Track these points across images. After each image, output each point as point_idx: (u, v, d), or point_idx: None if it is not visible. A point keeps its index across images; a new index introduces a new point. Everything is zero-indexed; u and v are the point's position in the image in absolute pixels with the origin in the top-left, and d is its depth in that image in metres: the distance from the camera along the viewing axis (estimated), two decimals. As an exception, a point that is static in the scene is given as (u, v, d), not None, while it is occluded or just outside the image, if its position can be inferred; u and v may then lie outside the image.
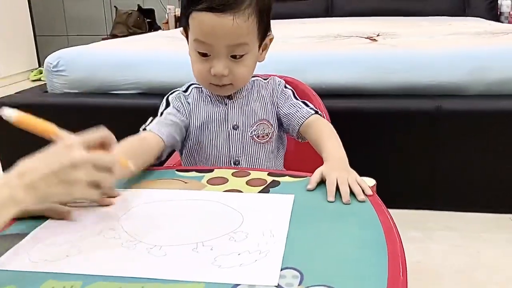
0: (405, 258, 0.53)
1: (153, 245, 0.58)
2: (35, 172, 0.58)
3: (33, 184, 0.57)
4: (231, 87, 0.92)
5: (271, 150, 1.00)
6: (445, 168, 1.71)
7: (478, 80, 1.71)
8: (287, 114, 0.98)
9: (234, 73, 0.89)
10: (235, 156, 0.97)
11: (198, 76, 0.92)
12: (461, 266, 1.43)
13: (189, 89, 1.00)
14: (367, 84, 1.73)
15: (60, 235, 0.61)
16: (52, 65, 1.91)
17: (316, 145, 0.91)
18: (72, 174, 0.59)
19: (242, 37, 0.85)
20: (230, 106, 0.97)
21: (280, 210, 0.67)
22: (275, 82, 1.02)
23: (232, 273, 0.52)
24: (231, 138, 0.97)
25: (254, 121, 0.98)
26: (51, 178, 0.58)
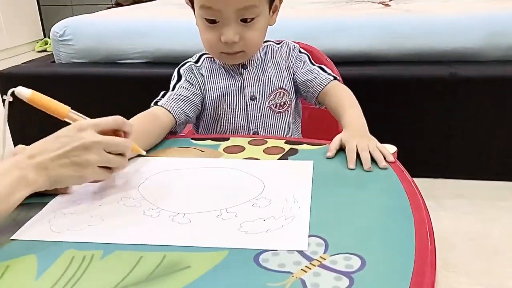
0: (432, 225, 0.52)
1: (176, 213, 0.57)
2: (46, 153, 0.58)
3: (44, 165, 0.57)
4: (243, 55, 0.89)
5: (290, 119, 0.98)
6: (459, 136, 1.68)
7: (494, 45, 1.67)
8: (304, 81, 0.96)
9: (246, 39, 0.85)
10: (254, 128, 0.95)
11: (208, 45, 0.89)
12: (473, 234, 1.43)
13: (200, 60, 0.96)
14: (380, 50, 1.69)
15: (80, 205, 0.60)
16: (59, 34, 1.88)
17: (335, 112, 0.88)
18: (84, 156, 0.59)
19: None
20: (245, 76, 0.94)
21: (301, 175, 0.65)
22: (289, 47, 0.99)
23: (259, 239, 0.51)
24: (249, 109, 0.94)
25: (271, 90, 0.95)
26: (63, 159, 0.58)
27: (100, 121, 0.63)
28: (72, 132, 0.60)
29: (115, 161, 0.62)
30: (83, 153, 0.59)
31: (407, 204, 0.57)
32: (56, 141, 0.59)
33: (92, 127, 0.61)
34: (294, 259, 0.47)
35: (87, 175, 0.60)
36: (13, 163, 0.56)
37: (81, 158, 0.59)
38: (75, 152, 0.58)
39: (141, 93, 1.86)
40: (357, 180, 0.65)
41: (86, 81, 1.83)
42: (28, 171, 0.56)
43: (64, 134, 0.60)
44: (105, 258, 0.49)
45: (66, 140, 0.59)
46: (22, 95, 0.63)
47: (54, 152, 0.58)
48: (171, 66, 1.74)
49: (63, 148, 0.58)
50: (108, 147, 0.61)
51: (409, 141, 1.68)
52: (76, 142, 0.59)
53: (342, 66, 1.25)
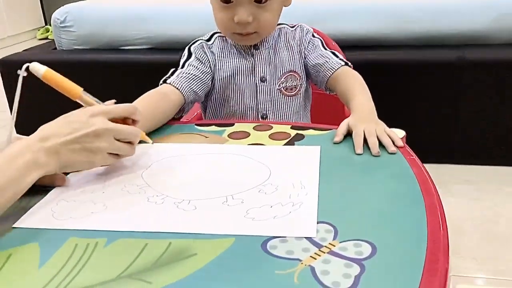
0: (443, 211, 0.51)
1: (181, 200, 0.56)
2: (58, 137, 0.57)
3: (56, 149, 0.57)
4: (256, 36, 0.88)
5: (299, 103, 0.96)
6: (466, 120, 1.66)
7: (502, 28, 1.64)
8: (315, 65, 0.94)
9: (259, 20, 0.84)
10: (263, 110, 0.94)
11: (221, 25, 0.88)
12: (481, 219, 1.42)
13: (212, 38, 0.95)
14: (386, 34, 1.66)
15: (84, 192, 0.59)
16: (60, 21, 1.86)
17: (344, 97, 0.87)
18: (95, 143, 0.59)
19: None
20: (256, 57, 0.93)
21: (307, 161, 0.64)
22: (302, 31, 0.97)
23: (266, 225, 0.50)
24: (258, 91, 0.93)
25: (282, 73, 0.94)
26: (74, 144, 0.58)
27: (112, 109, 0.63)
28: (84, 118, 0.60)
29: (124, 149, 0.63)
30: (94, 140, 0.59)
31: (417, 189, 0.55)
32: (68, 125, 0.59)
33: (104, 114, 0.61)
34: (303, 246, 0.46)
35: (96, 161, 0.61)
36: (25, 145, 0.55)
37: (92, 145, 0.59)
38: (87, 139, 0.59)
39: (143, 79, 1.83)
40: (366, 165, 0.64)
41: (88, 68, 1.81)
42: (40, 154, 0.55)
43: (76, 119, 0.60)
44: (109, 246, 0.48)
45: (78, 125, 0.59)
46: (36, 71, 0.62)
47: (65, 136, 0.58)
48: (174, 52, 1.74)
49: (75, 133, 0.58)
50: (118, 135, 0.61)
51: (415, 126, 1.65)
52: (87, 128, 0.59)
53: (348, 50, 1.23)
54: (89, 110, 0.61)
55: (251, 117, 0.93)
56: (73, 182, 0.61)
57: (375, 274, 0.41)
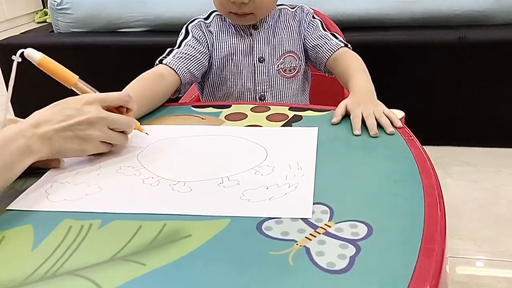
0: (441, 192, 0.50)
1: (176, 181, 0.55)
2: (51, 124, 0.57)
3: (48, 136, 0.56)
4: (252, 17, 0.86)
5: (298, 84, 0.95)
6: (467, 102, 1.65)
7: (504, 8, 1.62)
8: (314, 46, 0.93)
9: (255, 1, 0.83)
10: (261, 91, 0.93)
11: (218, 4, 0.86)
12: (481, 201, 1.42)
13: (210, 17, 0.94)
14: (387, 15, 1.64)
15: (78, 174, 0.59)
16: (57, 3, 1.84)
17: (343, 78, 0.86)
18: (87, 131, 0.59)
19: None
20: (255, 37, 0.92)
21: (304, 142, 0.63)
22: (303, 11, 0.96)
23: (262, 207, 0.49)
24: (256, 71, 0.92)
25: (281, 53, 0.92)
26: (67, 132, 0.58)
27: (107, 97, 0.62)
28: (79, 105, 0.59)
29: (116, 138, 0.62)
30: (87, 128, 0.59)
31: (415, 170, 0.55)
32: (61, 112, 0.58)
33: (98, 102, 0.60)
34: (298, 227, 0.45)
35: (88, 149, 0.60)
36: (18, 131, 0.55)
37: (85, 133, 0.59)
38: (80, 126, 0.58)
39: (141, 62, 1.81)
40: (364, 146, 0.63)
41: (85, 50, 1.80)
42: (33, 140, 0.55)
43: (70, 106, 0.59)
44: (103, 227, 0.48)
45: (72, 112, 0.58)
46: (32, 57, 0.62)
47: (58, 123, 0.57)
48: (171, 34, 1.70)
49: (68, 120, 0.57)
50: (111, 124, 0.61)
51: (415, 107, 1.64)
52: (81, 116, 0.58)
53: (348, 31, 1.21)
54: (84, 97, 0.60)
55: (249, 98, 0.92)
56: (68, 164, 0.61)
57: (371, 255, 0.41)
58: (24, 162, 0.54)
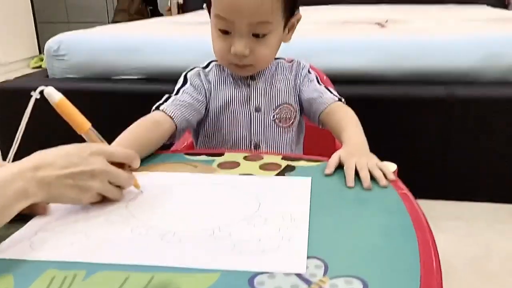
0: (436, 247, 0.49)
1: (166, 231, 0.54)
2: (53, 169, 0.55)
3: (48, 181, 0.55)
4: (251, 68, 0.88)
5: (293, 135, 0.96)
6: (457, 157, 1.67)
7: (490, 66, 1.67)
8: (309, 98, 0.94)
9: (256, 54, 0.84)
10: (256, 140, 0.93)
11: (218, 54, 0.88)
12: (473, 257, 1.40)
13: (209, 66, 0.95)
14: (377, 70, 1.68)
15: (64, 221, 0.57)
16: (53, 49, 1.87)
17: (336, 131, 0.86)
18: (89, 182, 0.58)
19: (266, 15, 0.80)
20: (252, 87, 0.93)
21: (298, 193, 0.63)
22: (299, 65, 0.98)
23: (253, 260, 0.48)
24: (252, 120, 0.92)
25: (277, 104, 0.94)
26: (68, 179, 0.56)
27: (114, 153, 0.62)
28: (85, 154, 0.58)
29: (113, 193, 0.61)
30: (88, 179, 0.58)
31: (409, 224, 0.54)
32: (65, 158, 0.57)
33: (104, 155, 0.60)
34: (292, 283, 0.44)
35: (84, 199, 0.59)
36: (17, 172, 0.53)
37: (86, 183, 0.58)
38: (82, 176, 0.57)
39: (135, 109, 1.82)
40: (357, 199, 0.62)
41: (79, 96, 1.77)
42: (30, 184, 0.53)
43: (75, 153, 0.58)
44: (88, 279, 0.45)
45: (76, 160, 0.57)
46: (51, 97, 0.60)
47: (61, 170, 0.56)
48: (166, 82, 1.74)
49: (71, 168, 0.56)
50: (112, 179, 0.60)
51: (406, 161, 1.65)
52: (85, 166, 0.57)
53: (340, 85, 1.24)
54: (91, 147, 0.60)
55: (244, 147, 0.92)
56: (54, 211, 0.59)
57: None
58: (18, 206, 0.52)
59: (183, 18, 2.77)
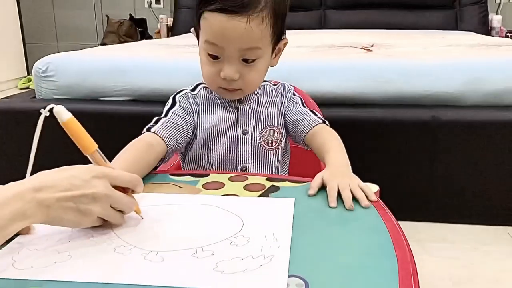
0: (415, 266, 0.50)
1: (149, 251, 0.54)
2: (54, 191, 0.54)
3: (48, 203, 0.53)
4: (240, 92, 0.89)
5: (279, 157, 0.97)
6: (442, 179, 1.69)
7: (473, 90, 1.70)
8: (293, 120, 0.96)
9: (245, 78, 0.86)
10: (242, 162, 0.94)
11: (207, 78, 0.89)
12: (457, 279, 1.41)
13: (197, 89, 0.96)
14: (362, 93, 1.71)
15: (48, 240, 0.57)
16: (41, 70, 1.87)
17: (319, 153, 0.88)
18: (90, 206, 0.56)
19: (255, 41, 0.82)
20: (240, 110, 0.94)
21: (281, 213, 0.63)
22: (284, 89, 1.00)
23: (235, 279, 0.48)
24: (239, 143, 0.94)
25: (263, 127, 0.95)
26: (69, 202, 0.55)
27: (118, 177, 0.60)
28: (87, 176, 0.57)
29: (114, 218, 0.60)
30: (90, 203, 0.56)
31: (390, 244, 0.55)
32: (68, 180, 0.56)
33: (108, 179, 0.59)
34: (273, 301, 0.44)
35: (84, 223, 0.58)
36: (17, 193, 0.52)
37: (87, 207, 0.56)
38: (83, 199, 0.56)
39: (123, 130, 1.83)
40: (339, 219, 0.63)
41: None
42: (30, 205, 0.52)
43: (77, 175, 0.57)
44: (68, 298, 0.46)
45: (79, 182, 0.56)
46: (60, 116, 0.59)
47: (62, 192, 0.54)
48: (154, 104, 1.75)
49: (73, 191, 0.55)
50: (114, 203, 0.59)
51: (391, 184, 1.67)
52: (87, 189, 0.56)
53: (325, 107, 1.26)
54: (94, 170, 0.58)
55: (230, 169, 0.93)
56: (38, 230, 0.59)
57: (346, 330, 0.40)
58: (15, 227, 0.51)
59: (172, 41, 2.80)
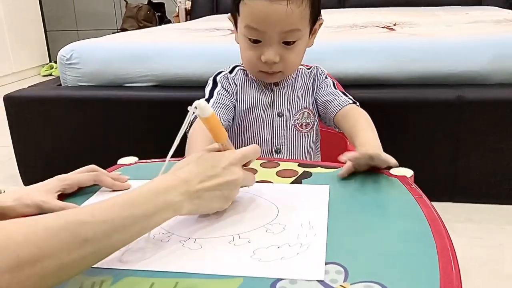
0: (455, 253, 0.50)
1: (187, 238, 0.55)
2: (201, 181, 0.56)
3: (199, 194, 0.56)
4: (280, 75, 0.90)
5: (312, 139, 0.98)
6: (467, 159, 1.67)
7: (499, 68, 1.67)
8: (324, 101, 0.96)
9: (285, 60, 0.87)
10: (277, 144, 0.95)
11: (248, 63, 0.90)
12: (485, 259, 1.40)
13: (234, 71, 0.97)
14: (386, 73, 1.69)
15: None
16: (66, 58, 1.89)
17: (350, 134, 0.88)
18: (233, 191, 0.60)
19: (295, 23, 0.83)
20: (276, 92, 0.95)
21: (316, 201, 0.64)
22: (317, 72, 1.01)
23: (273, 267, 0.49)
24: (275, 125, 0.95)
25: (297, 109, 0.96)
26: (216, 191, 0.57)
27: (247, 155, 0.62)
28: (225, 164, 0.59)
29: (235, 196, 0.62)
30: (233, 188, 0.59)
31: (427, 229, 0.55)
32: (211, 169, 0.58)
33: (241, 163, 0.61)
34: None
35: (224, 207, 0.60)
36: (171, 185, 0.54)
37: (230, 192, 0.59)
38: (228, 186, 0.58)
39: (147, 116, 1.86)
40: (375, 205, 0.63)
41: (92, 104, 1.83)
42: (183, 197, 0.54)
43: (217, 164, 0.58)
44: (115, 284, 0.47)
45: (219, 171, 0.58)
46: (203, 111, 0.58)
47: (209, 181, 0.57)
48: (177, 89, 1.76)
49: (218, 179, 0.57)
50: (243, 183, 0.62)
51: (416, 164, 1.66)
52: (229, 176, 0.58)
53: (348, 88, 1.24)
54: (228, 157, 0.60)
55: (265, 151, 0.95)
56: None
57: (389, 317, 0.41)
58: (164, 216, 0.53)
59: (192, 25, 2.79)
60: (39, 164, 1.88)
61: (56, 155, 1.86)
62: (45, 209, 0.63)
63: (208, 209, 0.59)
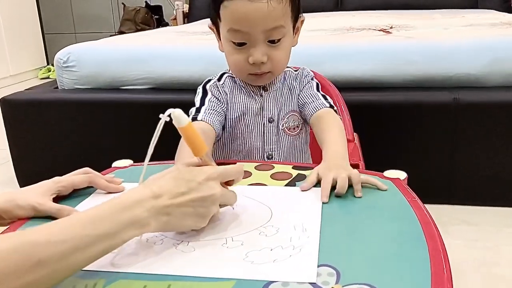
0: (447, 254, 0.50)
1: (180, 241, 0.55)
2: (172, 196, 0.53)
3: (168, 211, 0.52)
4: (270, 75, 0.90)
5: (302, 142, 0.98)
6: (464, 161, 1.67)
7: (496, 71, 1.67)
8: (303, 103, 0.96)
9: (273, 59, 0.86)
10: (269, 150, 0.95)
11: (236, 68, 0.90)
12: (482, 261, 1.40)
13: (222, 78, 0.97)
14: (383, 76, 1.69)
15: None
16: (62, 61, 1.89)
17: (319, 139, 0.87)
18: (209, 208, 0.56)
19: (278, 20, 0.83)
20: (265, 98, 0.95)
21: (309, 203, 0.64)
22: (303, 73, 1.00)
23: (265, 269, 0.49)
24: (266, 131, 0.94)
25: (285, 112, 0.96)
26: (188, 207, 0.54)
27: (228, 173, 0.59)
28: (201, 179, 0.55)
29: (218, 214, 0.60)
30: (209, 205, 0.55)
31: (420, 232, 0.55)
32: (185, 184, 0.54)
33: (220, 179, 0.58)
34: (305, 290, 0.45)
35: (200, 226, 0.56)
36: (137, 200, 0.51)
37: (206, 209, 0.55)
38: (203, 203, 0.55)
39: (143, 119, 1.85)
40: (368, 207, 0.64)
41: (88, 107, 1.83)
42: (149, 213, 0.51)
43: (192, 179, 0.55)
44: (107, 287, 0.47)
45: (195, 186, 0.54)
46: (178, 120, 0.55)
47: (181, 196, 0.53)
48: (174, 92, 1.76)
49: (191, 194, 0.54)
50: (224, 201, 0.59)
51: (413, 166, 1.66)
52: (205, 192, 0.55)
53: (344, 91, 1.25)
54: (206, 171, 0.57)
55: (257, 157, 0.94)
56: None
57: (380, 319, 0.41)
58: (130, 234, 0.50)
59: (189, 28, 2.80)
60: (36, 167, 1.88)
61: (53, 158, 1.86)
62: (40, 211, 0.63)
63: (179, 226, 0.55)
